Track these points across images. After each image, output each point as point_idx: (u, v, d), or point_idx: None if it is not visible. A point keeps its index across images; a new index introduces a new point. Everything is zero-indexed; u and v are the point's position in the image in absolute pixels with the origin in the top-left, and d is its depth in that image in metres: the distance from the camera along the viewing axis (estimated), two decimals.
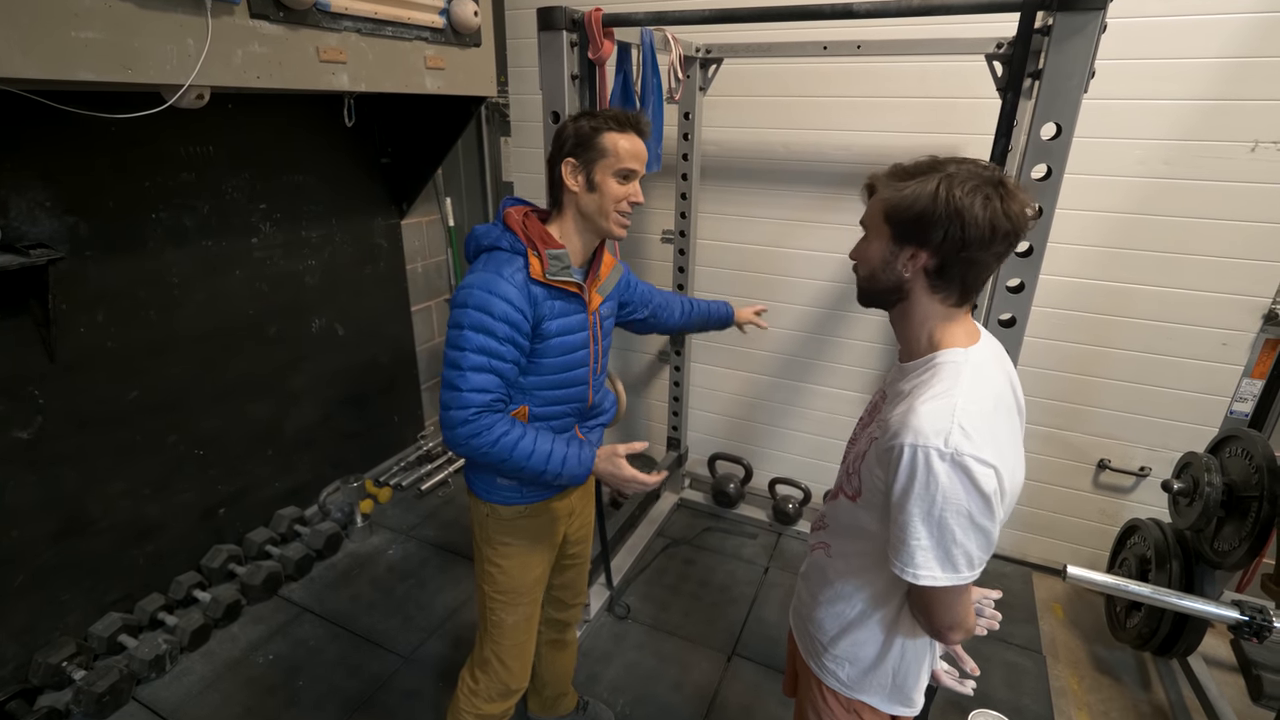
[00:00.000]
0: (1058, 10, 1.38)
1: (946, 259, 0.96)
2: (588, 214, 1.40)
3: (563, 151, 1.38)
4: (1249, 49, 2.07)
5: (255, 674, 2.29)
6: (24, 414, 1.99)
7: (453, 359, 1.33)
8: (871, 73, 2.52)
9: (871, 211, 1.03)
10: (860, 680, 1.19)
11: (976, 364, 1.00)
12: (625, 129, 1.37)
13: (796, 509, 3.11)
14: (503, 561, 1.59)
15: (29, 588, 2.08)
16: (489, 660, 1.66)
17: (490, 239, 1.39)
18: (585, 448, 1.44)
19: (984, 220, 0.91)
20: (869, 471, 1.04)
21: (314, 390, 2.93)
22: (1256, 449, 2.00)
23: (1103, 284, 2.46)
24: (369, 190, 3.02)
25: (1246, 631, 1.86)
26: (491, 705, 1.69)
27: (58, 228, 1.98)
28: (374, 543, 2.97)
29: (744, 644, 2.47)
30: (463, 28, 2.45)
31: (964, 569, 0.95)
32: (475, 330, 1.31)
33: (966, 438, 0.90)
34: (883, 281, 1.03)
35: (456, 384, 1.32)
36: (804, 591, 1.29)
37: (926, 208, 0.93)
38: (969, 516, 0.92)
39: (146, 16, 1.57)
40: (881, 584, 1.11)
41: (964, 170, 0.94)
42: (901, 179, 0.98)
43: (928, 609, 1.02)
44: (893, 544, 0.98)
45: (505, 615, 1.63)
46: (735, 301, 2.10)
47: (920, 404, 0.94)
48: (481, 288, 1.31)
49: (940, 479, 0.90)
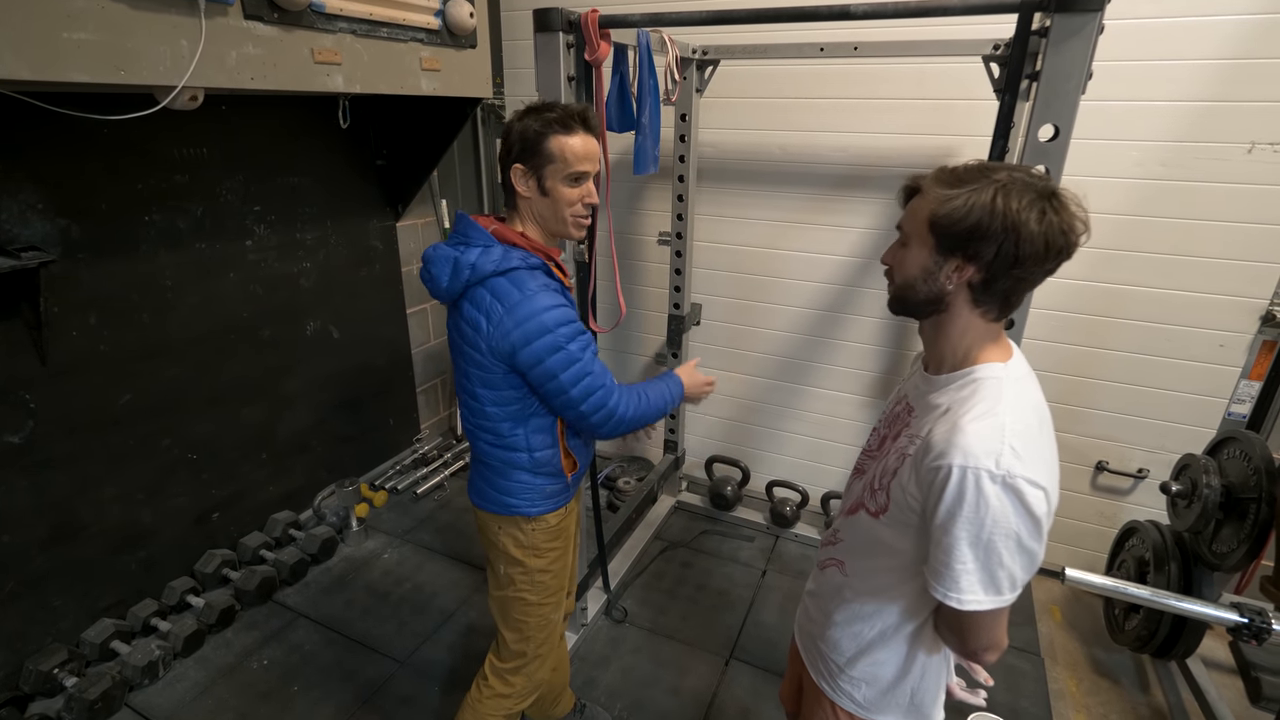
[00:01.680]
0: (1055, 12, 1.37)
1: (995, 274, 0.91)
2: (543, 218, 1.39)
3: (511, 156, 1.34)
4: (1245, 51, 2.08)
5: (250, 679, 2.27)
6: (15, 418, 1.97)
7: (576, 373, 1.34)
8: (868, 74, 2.52)
9: (915, 218, 0.97)
10: (878, 702, 1.15)
11: (1016, 379, 0.97)
12: (573, 129, 1.31)
13: (794, 512, 3.10)
14: (553, 566, 1.59)
15: (20, 594, 2.06)
16: (530, 662, 1.67)
17: (495, 263, 1.32)
18: (670, 377, 1.58)
19: (1039, 236, 0.86)
20: (900, 489, 0.99)
21: (308, 394, 2.92)
22: (1254, 451, 2.00)
23: (1100, 285, 2.46)
24: (364, 192, 3.01)
25: (1245, 633, 1.86)
26: (523, 704, 1.73)
27: (49, 230, 1.96)
28: (369, 547, 2.95)
29: (742, 647, 2.45)
30: (458, 29, 2.44)
31: (1007, 591, 0.92)
32: (573, 338, 1.33)
33: (1018, 458, 0.87)
34: (922, 293, 0.98)
35: (598, 383, 1.37)
36: (814, 610, 1.25)
37: (981, 220, 0.88)
38: (1017, 539, 0.89)
39: (140, 18, 1.55)
40: (904, 603, 1.07)
41: (1018, 180, 0.89)
42: (951, 185, 0.92)
43: (964, 631, 0.98)
44: (934, 568, 0.94)
45: (553, 614, 1.65)
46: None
47: (967, 423, 0.90)
48: (547, 308, 1.31)
49: (991, 501, 0.87)
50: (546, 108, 1.34)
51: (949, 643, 1.05)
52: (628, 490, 3.24)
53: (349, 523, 2.97)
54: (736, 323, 3.11)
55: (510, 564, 1.58)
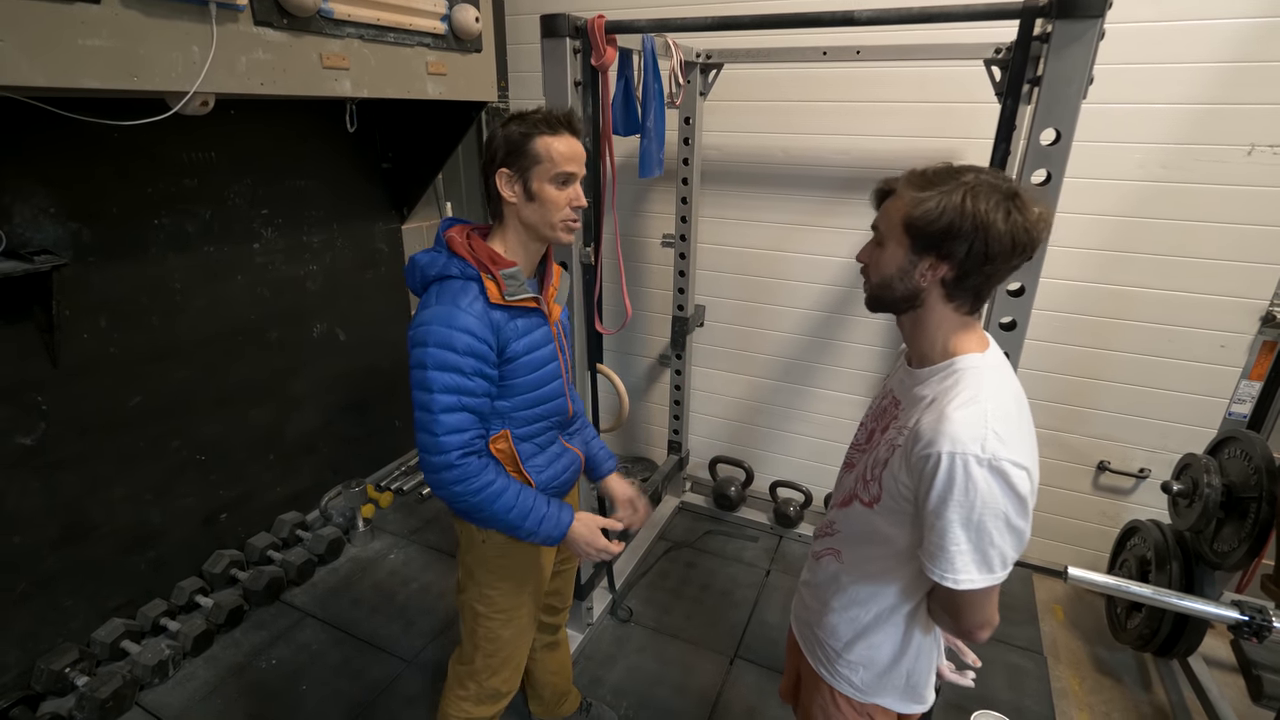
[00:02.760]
0: (1056, 18, 1.39)
1: (967, 271, 0.96)
2: (531, 224, 1.34)
3: (495, 162, 1.31)
4: (1244, 54, 2.09)
5: (258, 679, 2.28)
6: (27, 420, 1.99)
7: (422, 401, 1.27)
8: (871, 78, 2.54)
9: (889, 219, 1.01)
10: (875, 684, 1.19)
11: (994, 367, 1.01)
12: (558, 130, 1.29)
13: (798, 512, 3.11)
14: (501, 584, 1.54)
15: (32, 594, 2.09)
16: (479, 670, 1.62)
17: (437, 268, 1.31)
18: (565, 511, 1.42)
19: (1005, 234, 0.91)
20: (892, 479, 1.03)
21: (315, 395, 2.94)
22: (1255, 450, 2.01)
23: (1102, 287, 2.47)
24: (370, 195, 3.03)
25: (1246, 631, 1.87)
26: (481, 709, 1.66)
27: (61, 234, 1.98)
28: (376, 547, 2.97)
29: (746, 646, 2.47)
30: (464, 34, 2.46)
31: (999, 569, 0.96)
32: (440, 369, 1.25)
33: (1001, 442, 0.91)
34: (898, 290, 1.02)
35: (431, 428, 1.27)
36: (811, 599, 1.28)
37: (952, 222, 0.92)
38: (1005, 519, 0.93)
39: (152, 24, 1.58)
40: (899, 587, 1.11)
41: (984, 181, 0.93)
42: (922, 187, 0.96)
43: (959, 610, 1.02)
44: (929, 551, 0.99)
45: (502, 630, 1.58)
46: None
47: (952, 410, 0.94)
48: (440, 323, 1.25)
49: (979, 484, 0.91)
50: (530, 113, 1.32)
51: (943, 623, 1.09)
52: None
53: (355, 523, 2.99)
54: (740, 324, 3.12)
55: (465, 570, 1.57)
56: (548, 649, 1.95)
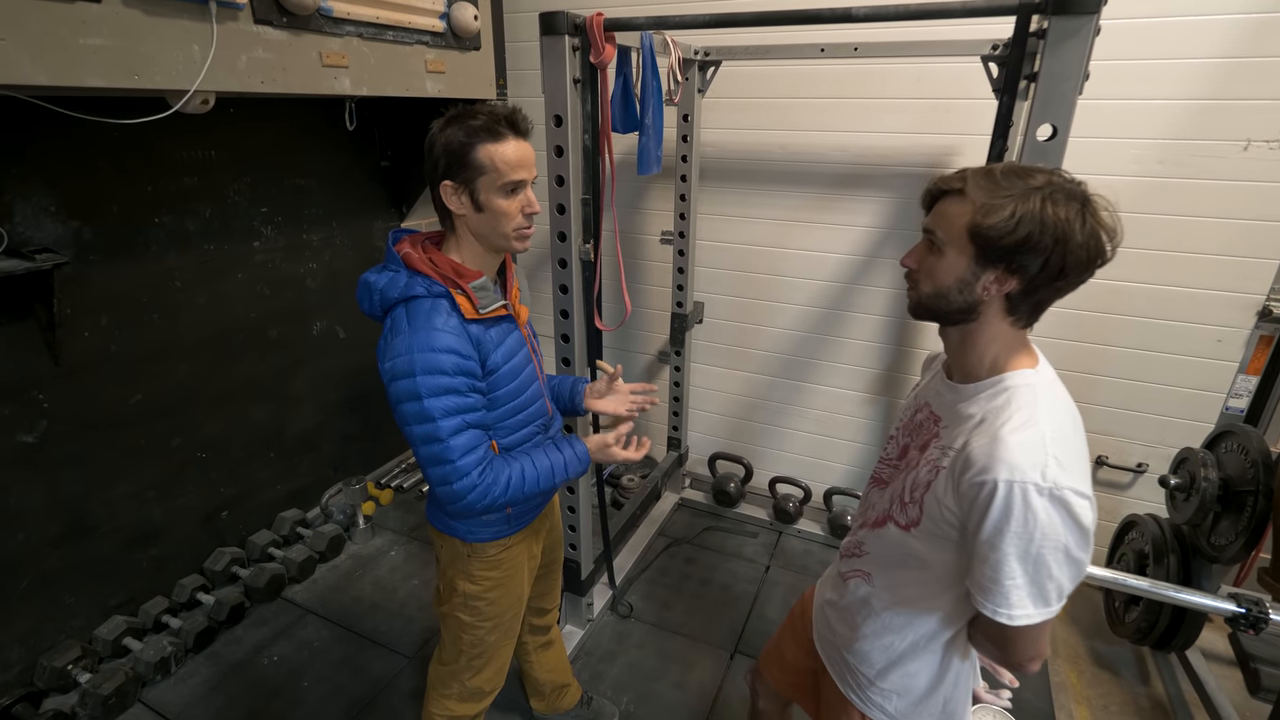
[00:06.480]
0: (1052, 14, 1.39)
1: (1036, 285, 0.88)
2: (482, 235, 1.27)
3: (438, 173, 1.22)
4: (1240, 49, 2.10)
5: (260, 676, 2.29)
6: (29, 418, 2.00)
7: (426, 434, 1.21)
8: (868, 74, 2.55)
9: (951, 224, 0.91)
10: (910, 712, 1.13)
11: (1047, 385, 0.94)
12: (501, 136, 1.20)
13: (797, 508, 3.12)
14: (488, 594, 1.52)
15: (34, 591, 2.09)
16: (462, 670, 1.61)
17: (399, 289, 1.23)
18: (576, 444, 1.43)
19: (1082, 247, 0.84)
20: (935, 503, 0.96)
21: (315, 393, 2.94)
22: (1252, 444, 2.02)
23: (1098, 282, 2.42)
24: (369, 193, 3.04)
25: (1243, 623, 1.88)
26: (465, 706, 1.66)
27: (62, 232, 1.99)
28: (376, 544, 2.98)
29: (746, 642, 2.48)
30: (463, 32, 2.47)
31: (1055, 602, 0.89)
32: (436, 395, 1.19)
33: (1063, 469, 0.84)
34: (955, 303, 0.93)
35: (446, 457, 1.22)
36: (838, 622, 1.21)
37: (1030, 234, 0.83)
38: (1065, 551, 0.86)
39: (153, 23, 1.58)
40: (938, 614, 1.05)
41: (1057, 185, 0.85)
42: (992, 192, 0.86)
43: (1008, 644, 0.95)
44: (980, 584, 0.91)
45: (489, 636, 1.57)
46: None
47: (1007, 434, 0.87)
48: (421, 349, 1.18)
49: (1039, 515, 0.84)
50: (470, 114, 1.21)
51: (989, 654, 1.02)
52: (631, 487, 3.27)
53: (356, 521, 3.00)
54: (739, 320, 3.13)
55: (446, 582, 1.55)
56: (543, 649, 1.96)
